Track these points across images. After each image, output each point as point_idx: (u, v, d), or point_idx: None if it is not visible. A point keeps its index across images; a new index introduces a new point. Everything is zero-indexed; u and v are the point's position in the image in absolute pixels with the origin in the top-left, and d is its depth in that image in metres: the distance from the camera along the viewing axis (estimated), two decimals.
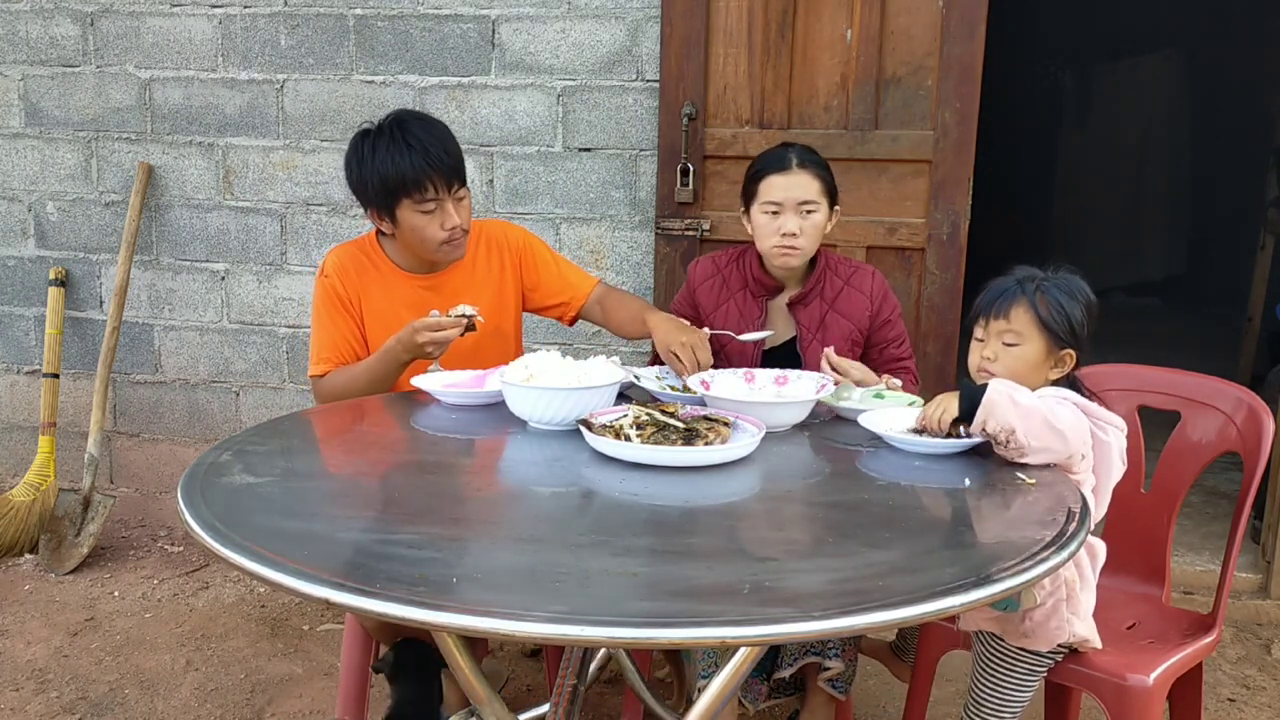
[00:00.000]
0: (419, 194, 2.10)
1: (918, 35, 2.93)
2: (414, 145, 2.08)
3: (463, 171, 2.17)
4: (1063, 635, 1.74)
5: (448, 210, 2.14)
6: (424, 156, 2.08)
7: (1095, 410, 1.73)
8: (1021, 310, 1.77)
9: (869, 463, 1.69)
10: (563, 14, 3.16)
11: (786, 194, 2.19)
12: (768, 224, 2.21)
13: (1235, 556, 1.93)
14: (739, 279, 2.33)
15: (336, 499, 1.55)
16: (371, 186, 2.12)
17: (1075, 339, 1.76)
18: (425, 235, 2.15)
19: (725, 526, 1.47)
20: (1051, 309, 1.75)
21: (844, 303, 2.28)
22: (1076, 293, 1.78)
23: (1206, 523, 3.45)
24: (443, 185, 2.12)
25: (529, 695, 2.58)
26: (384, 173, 2.09)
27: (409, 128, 2.11)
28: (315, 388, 2.25)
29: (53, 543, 3.29)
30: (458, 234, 2.17)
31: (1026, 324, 1.77)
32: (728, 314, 2.32)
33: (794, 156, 2.23)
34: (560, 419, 1.76)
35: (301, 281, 3.49)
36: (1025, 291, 1.78)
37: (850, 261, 2.36)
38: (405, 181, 2.08)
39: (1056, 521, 1.41)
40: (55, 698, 2.54)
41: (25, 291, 3.70)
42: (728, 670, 1.40)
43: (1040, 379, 1.79)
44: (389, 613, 1.11)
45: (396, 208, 2.13)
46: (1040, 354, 1.77)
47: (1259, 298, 4.75)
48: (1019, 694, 1.84)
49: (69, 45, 3.51)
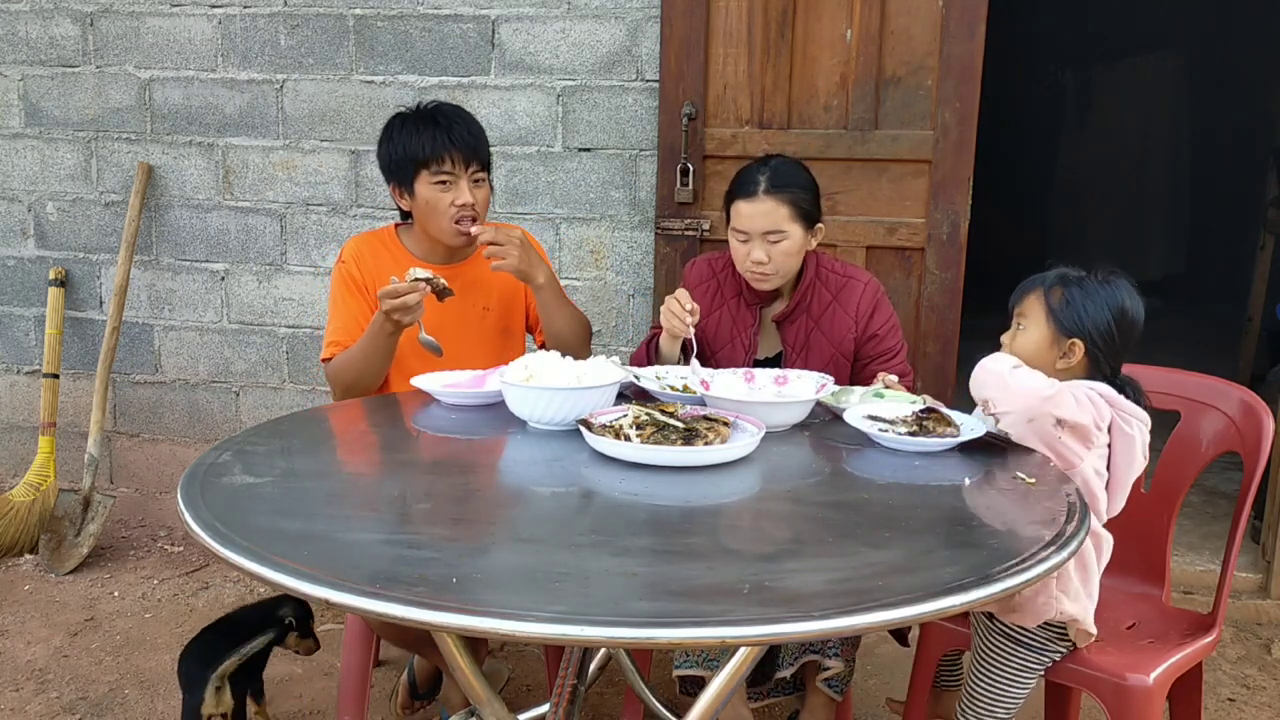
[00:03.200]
0: (436, 165, 2.20)
1: (918, 35, 2.93)
2: (440, 122, 2.21)
3: (484, 156, 2.26)
4: (1049, 612, 1.75)
5: (461, 187, 2.22)
6: (446, 131, 2.20)
7: (1121, 403, 1.77)
8: (1034, 297, 1.86)
9: (869, 462, 1.69)
10: (563, 14, 3.16)
11: (751, 224, 2.14)
12: (739, 249, 2.19)
13: (1235, 556, 1.93)
14: (733, 286, 2.30)
15: (336, 499, 1.55)
16: (395, 159, 2.24)
17: (1082, 331, 1.80)
18: (437, 209, 2.23)
19: (725, 526, 1.47)
20: (1063, 300, 1.82)
21: (829, 322, 2.24)
22: (1101, 294, 1.81)
23: (1206, 523, 3.45)
24: (460, 162, 2.21)
25: (529, 695, 2.58)
26: (408, 144, 2.22)
27: (440, 109, 2.26)
28: (326, 373, 2.29)
29: (53, 543, 3.29)
30: (467, 213, 2.23)
31: (1035, 310, 1.85)
32: (720, 320, 2.29)
33: (763, 181, 2.14)
34: (560, 419, 1.76)
35: (301, 281, 3.49)
36: (1044, 283, 1.86)
37: (844, 270, 2.29)
38: (425, 152, 2.19)
39: (1056, 521, 1.41)
40: (55, 698, 2.54)
41: (25, 291, 3.70)
42: (728, 670, 1.40)
43: (1047, 363, 1.83)
44: (389, 613, 1.11)
45: (415, 179, 2.22)
46: (1044, 340, 1.83)
47: (1259, 298, 4.75)
48: (1015, 689, 1.84)
49: (69, 45, 3.51)
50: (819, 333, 2.24)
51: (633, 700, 2.29)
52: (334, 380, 2.26)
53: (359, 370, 2.19)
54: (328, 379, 2.30)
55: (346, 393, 2.22)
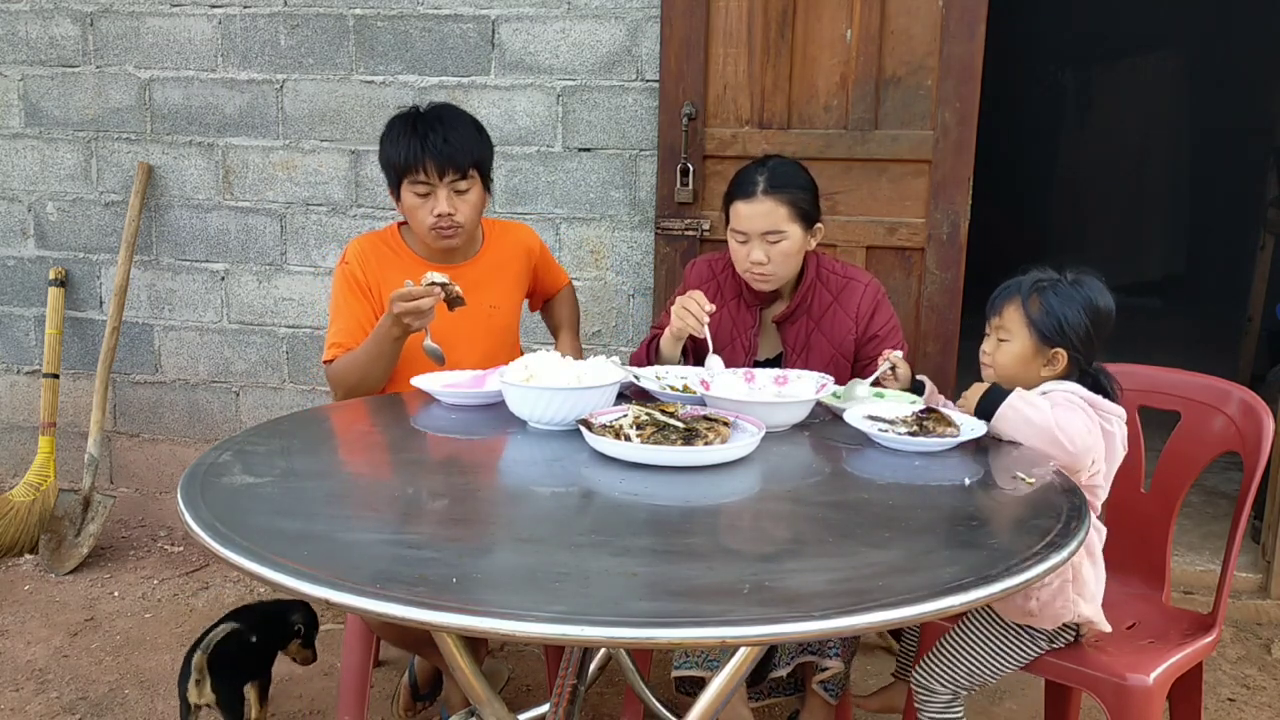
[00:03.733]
0: (412, 174, 2.20)
1: (918, 35, 2.93)
2: (418, 131, 2.20)
3: (462, 164, 2.22)
4: (1068, 615, 1.77)
5: (439, 197, 2.22)
6: (421, 141, 2.19)
7: (1100, 403, 1.79)
8: (1013, 309, 1.86)
9: (869, 462, 1.69)
10: (563, 14, 3.16)
11: (750, 224, 2.15)
12: (738, 250, 2.19)
13: (1235, 556, 1.93)
14: (733, 287, 2.30)
15: (336, 499, 1.55)
16: (383, 164, 2.27)
17: (1065, 339, 1.82)
18: (417, 217, 2.25)
19: (725, 526, 1.47)
20: (1042, 310, 1.82)
21: (829, 323, 2.24)
22: (1076, 297, 1.83)
23: (1206, 523, 3.45)
24: (434, 172, 2.20)
25: (529, 695, 2.58)
26: (390, 151, 2.23)
27: (425, 115, 2.24)
28: (328, 375, 2.28)
29: (53, 543, 3.29)
30: (444, 223, 2.22)
31: (1016, 322, 1.85)
32: (721, 321, 2.28)
33: (762, 181, 2.15)
34: (560, 419, 1.76)
35: (301, 281, 3.49)
36: (1020, 291, 1.86)
37: (845, 270, 2.29)
38: (403, 160, 2.20)
39: (1056, 520, 1.41)
40: (55, 698, 2.54)
41: (25, 291, 3.70)
42: (728, 670, 1.40)
43: (1032, 374, 1.86)
44: (389, 613, 1.11)
45: (400, 186, 2.24)
46: (1028, 351, 1.84)
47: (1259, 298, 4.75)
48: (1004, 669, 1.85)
49: (69, 45, 3.51)
50: (819, 334, 2.24)
51: (633, 700, 2.29)
52: (336, 383, 2.25)
53: (362, 373, 2.18)
54: (329, 381, 2.29)
55: (349, 395, 2.22)
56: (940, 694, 1.89)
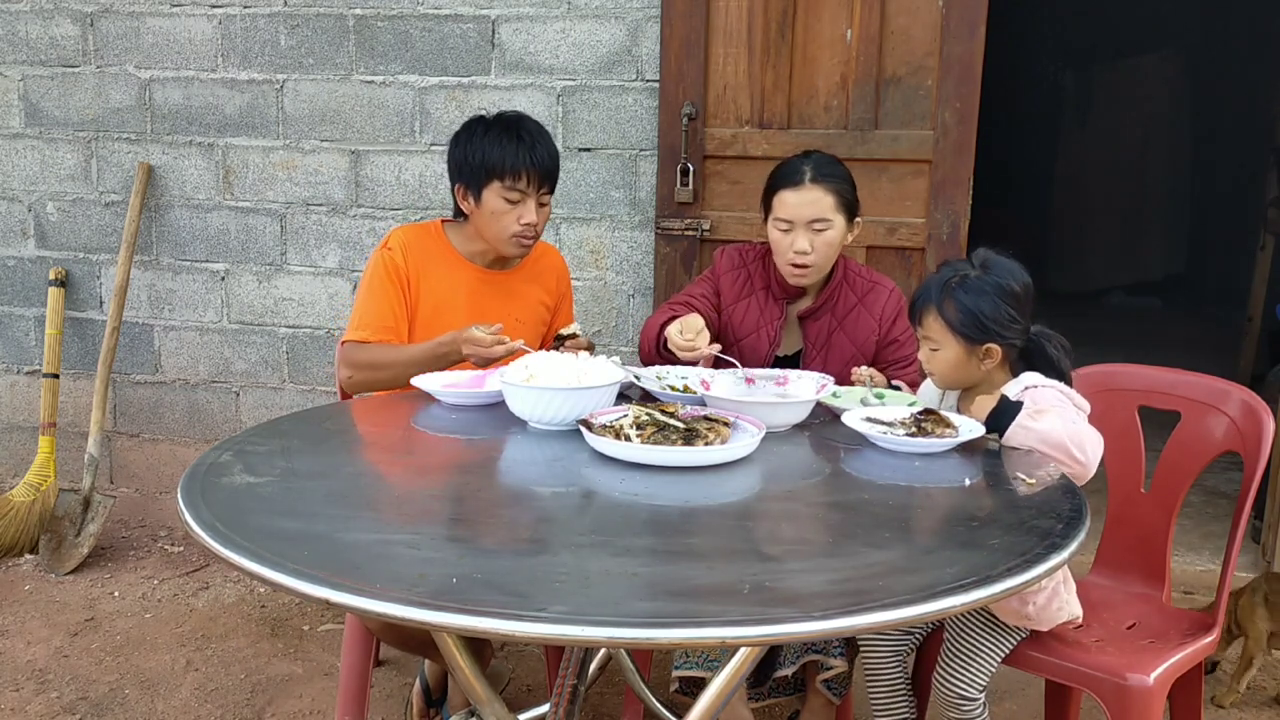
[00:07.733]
0: (511, 179, 2.20)
1: (918, 35, 2.93)
2: (524, 138, 2.22)
3: (554, 179, 2.28)
4: (1064, 615, 1.80)
5: (529, 205, 2.23)
6: (530, 150, 2.21)
7: (1075, 397, 1.80)
8: (931, 316, 1.85)
9: (869, 463, 1.69)
10: (563, 14, 3.16)
11: (797, 212, 2.16)
12: (780, 240, 2.20)
13: (1235, 556, 1.93)
14: (762, 278, 2.31)
15: (336, 499, 1.55)
16: (470, 162, 2.23)
17: (989, 334, 1.81)
18: (502, 222, 2.24)
19: (725, 526, 1.47)
20: (958, 312, 1.81)
21: (852, 323, 2.26)
22: (986, 287, 1.81)
23: (1206, 523, 3.46)
24: (534, 182, 2.23)
25: (529, 695, 2.58)
26: (488, 151, 2.21)
27: (525, 124, 2.25)
28: (346, 353, 2.21)
29: (53, 543, 3.29)
30: (529, 232, 2.25)
31: (937, 329, 1.84)
32: (747, 310, 2.30)
33: (808, 170, 2.17)
34: (560, 419, 1.76)
35: (301, 282, 3.49)
36: (932, 298, 1.84)
37: (870, 275, 2.32)
38: (505, 164, 2.20)
39: (1056, 521, 1.41)
40: (55, 698, 2.54)
41: (25, 291, 3.70)
42: (728, 670, 1.40)
43: (973, 372, 1.86)
44: (389, 613, 1.11)
45: (485, 187, 2.23)
46: (960, 355, 1.84)
47: (1259, 298, 4.76)
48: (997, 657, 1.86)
49: (69, 45, 3.51)
50: (841, 332, 2.26)
51: (633, 700, 2.29)
52: (358, 365, 2.18)
53: (393, 375, 2.16)
54: (347, 361, 2.20)
55: (363, 386, 2.20)
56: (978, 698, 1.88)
